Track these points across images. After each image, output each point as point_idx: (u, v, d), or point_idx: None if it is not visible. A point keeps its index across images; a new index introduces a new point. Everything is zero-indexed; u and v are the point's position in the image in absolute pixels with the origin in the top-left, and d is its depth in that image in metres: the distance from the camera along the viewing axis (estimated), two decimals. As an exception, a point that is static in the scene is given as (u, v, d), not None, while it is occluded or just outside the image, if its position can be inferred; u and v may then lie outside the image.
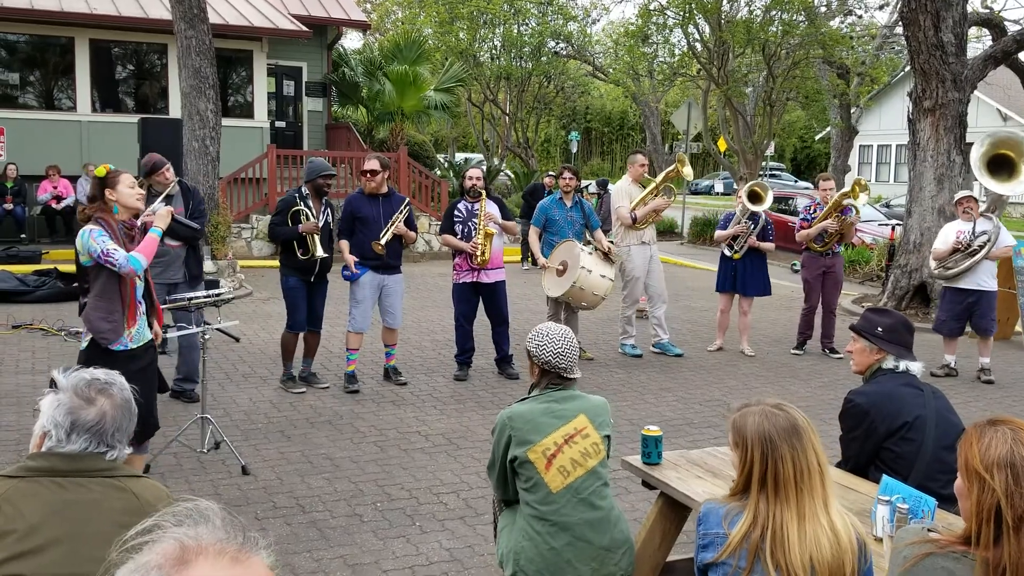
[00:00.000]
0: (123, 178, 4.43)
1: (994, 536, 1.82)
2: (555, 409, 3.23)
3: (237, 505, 4.82)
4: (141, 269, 4.38)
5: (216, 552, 1.02)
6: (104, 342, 4.34)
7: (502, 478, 3.30)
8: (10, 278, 10.77)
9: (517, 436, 3.18)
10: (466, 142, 38.02)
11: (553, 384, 3.29)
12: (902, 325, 3.61)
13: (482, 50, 26.38)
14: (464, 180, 7.56)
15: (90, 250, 4.29)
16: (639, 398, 7.19)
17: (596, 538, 3.17)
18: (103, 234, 4.30)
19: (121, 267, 4.29)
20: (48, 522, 1.97)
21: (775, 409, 2.32)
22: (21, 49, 15.96)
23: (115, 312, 4.35)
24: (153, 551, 1.00)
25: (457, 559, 4.28)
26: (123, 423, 2.16)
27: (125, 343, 4.39)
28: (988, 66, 11.33)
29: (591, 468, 3.19)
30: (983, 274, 7.86)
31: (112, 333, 4.35)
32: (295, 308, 6.95)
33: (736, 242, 8.65)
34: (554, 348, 3.26)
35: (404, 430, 6.21)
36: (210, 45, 11.98)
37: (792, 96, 23.17)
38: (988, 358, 8.04)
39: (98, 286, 4.36)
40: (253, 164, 15.24)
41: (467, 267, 7.43)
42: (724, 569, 2.27)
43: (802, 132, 39.80)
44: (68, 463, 2.07)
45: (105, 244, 4.28)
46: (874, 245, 15.26)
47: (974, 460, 1.88)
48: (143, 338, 4.50)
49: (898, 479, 3.14)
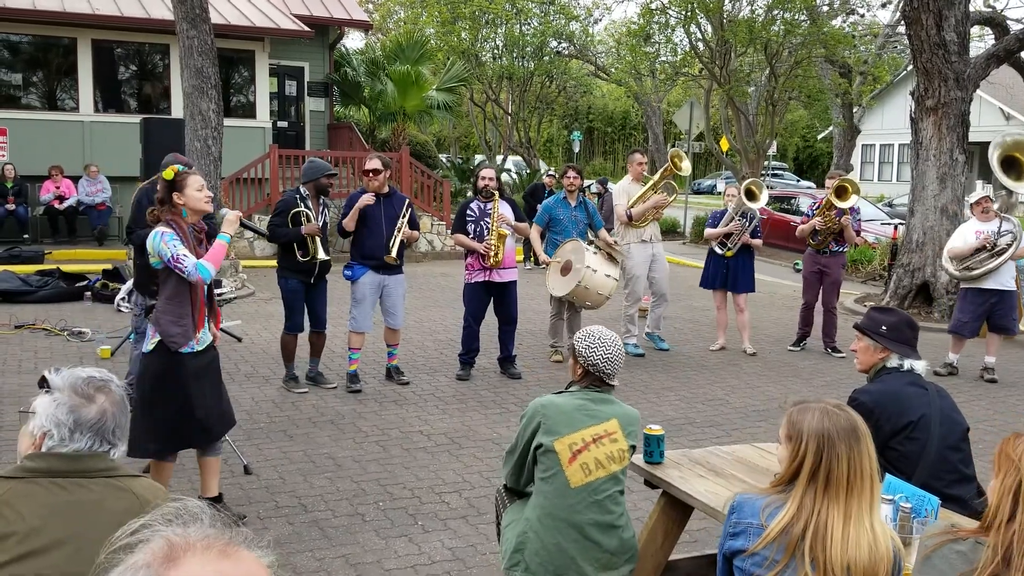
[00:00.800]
0: (191, 180, 4.32)
1: (1010, 511, 1.95)
2: (590, 408, 3.25)
3: (240, 504, 4.82)
4: (210, 277, 4.29)
5: (204, 547, 1.02)
6: (174, 346, 4.28)
7: (520, 464, 3.32)
8: (13, 278, 10.78)
9: (547, 424, 3.20)
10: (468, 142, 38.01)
11: (593, 386, 3.31)
12: (906, 324, 3.60)
13: (484, 50, 26.37)
14: (477, 180, 7.55)
15: (160, 253, 4.19)
16: (641, 397, 7.19)
17: (605, 541, 3.18)
18: (175, 238, 4.20)
19: (190, 275, 4.19)
20: (49, 524, 1.95)
21: (836, 409, 2.32)
22: (24, 50, 15.97)
23: (185, 316, 4.29)
24: (142, 550, 1.00)
25: (459, 558, 4.28)
26: (122, 420, 2.15)
27: (192, 346, 4.34)
28: (991, 65, 11.32)
29: (612, 472, 3.21)
30: (1005, 274, 7.83)
31: (182, 337, 4.29)
32: (293, 310, 6.94)
33: (730, 240, 8.67)
34: (604, 353, 3.29)
35: (406, 429, 6.21)
36: (212, 45, 11.97)
37: (794, 95, 23.17)
38: (994, 357, 8.04)
39: (168, 289, 4.28)
40: (255, 164, 15.24)
41: (479, 267, 7.41)
42: (756, 560, 2.26)
43: (804, 131, 39.78)
44: (67, 463, 2.06)
45: (176, 249, 4.19)
46: (877, 244, 15.24)
47: (1008, 449, 2.06)
48: (206, 340, 4.46)
49: (902, 478, 3.13)
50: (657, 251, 8.73)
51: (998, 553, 1.89)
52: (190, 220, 4.35)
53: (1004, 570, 1.87)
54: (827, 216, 8.63)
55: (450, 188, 17.76)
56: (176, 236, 4.21)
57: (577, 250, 7.77)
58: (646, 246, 8.64)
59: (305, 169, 7.01)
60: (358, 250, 7.01)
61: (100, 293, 10.76)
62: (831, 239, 8.75)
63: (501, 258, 7.32)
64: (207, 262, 4.25)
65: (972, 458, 3.54)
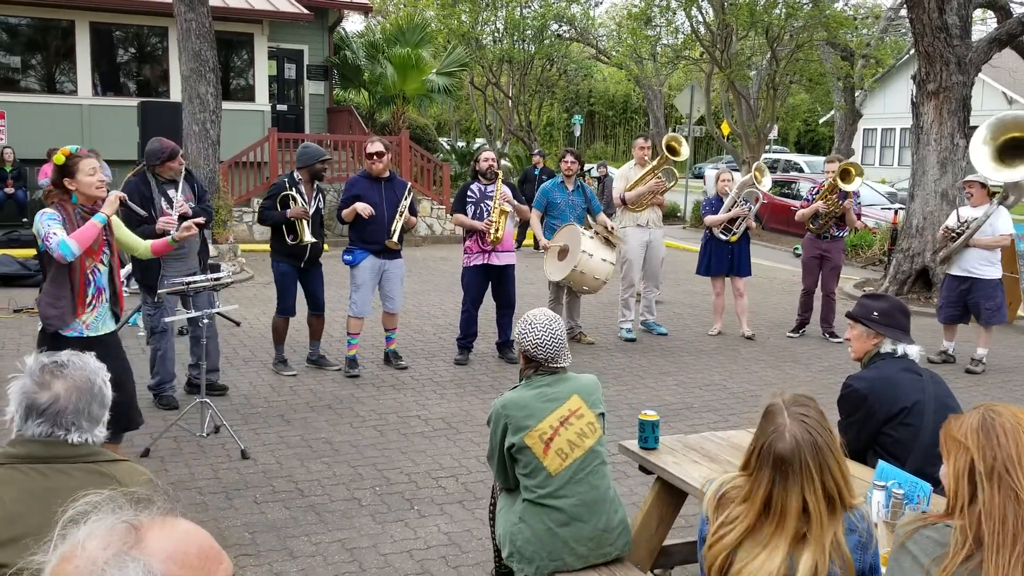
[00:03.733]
0: (83, 165, 4.24)
1: (969, 493, 1.92)
2: (547, 392, 3.22)
3: (237, 489, 4.84)
4: (71, 255, 4.14)
5: (160, 521, 1.08)
6: (51, 328, 4.23)
7: (501, 466, 3.31)
8: (12, 262, 10.78)
9: (513, 423, 3.18)
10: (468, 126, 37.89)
11: (541, 371, 3.27)
12: (897, 309, 3.60)
13: (484, 33, 26.24)
14: (479, 163, 7.53)
15: (37, 232, 4.17)
16: (639, 382, 7.19)
17: (593, 519, 3.18)
18: (53, 217, 4.16)
19: (52, 251, 4.12)
20: (28, 511, 1.94)
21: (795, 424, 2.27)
22: (22, 32, 15.90)
23: (63, 299, 4.23)
24: (103, 538, 1.02)
25: (455, 543, 4.29)
26: (81, 404, 2.10)
27: (80, 330, 4.25)
28: (993, 48, 11.25)
29: (589, 447, 3.20)
30: (973, 260, 7.65)
31: (58, 320, 4.22)
32: (285, 293, 6.95)
33: (735, 224, 8.63)
34: (534, 338, 3.22)
35: (404, 414, 6.22)
36: (210, 28, 11.92)
37: (796, 79, 23.05)
38: (985, 349, 7.85)
39: (50, 271, 4.25)
40: (254, 148, 15.19)
41: (478, 249, 7.40)
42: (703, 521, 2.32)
43: (806, 115, 39.61)
44: (46, 449, 2.05)
45: (49, 227, 4.12)
46: (877, 229, 15.21)
47: (952, 432, 2.02)
48: (101, 327, 4.34)
49: (896, 464, 3.14)
50: (654, 236, 8.68)
51: (968, 535, 1.89)
52: (82, 203, 4.27)
53: (977, 551, 1.87)
54: (830, 199, 8.59)
55: (450, 172, 17.72)
56: (57, 217, 4.16)
57: (573, 235, 7.75)
58: (643, 231, 8.60)
59: (299, 154, 6.99)
60: (358, 235, 7.00)
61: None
62: (832, 223, 8.72)
63: (502, 235, 7.31)
64: (71, 240, 4.14)
65: (966, 444, 3.54)
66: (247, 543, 4.20)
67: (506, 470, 3.30)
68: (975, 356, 7.88)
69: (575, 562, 3.17)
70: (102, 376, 2.18)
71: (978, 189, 7.81)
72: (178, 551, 1.04)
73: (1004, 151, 7.67)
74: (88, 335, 4.27)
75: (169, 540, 1.05)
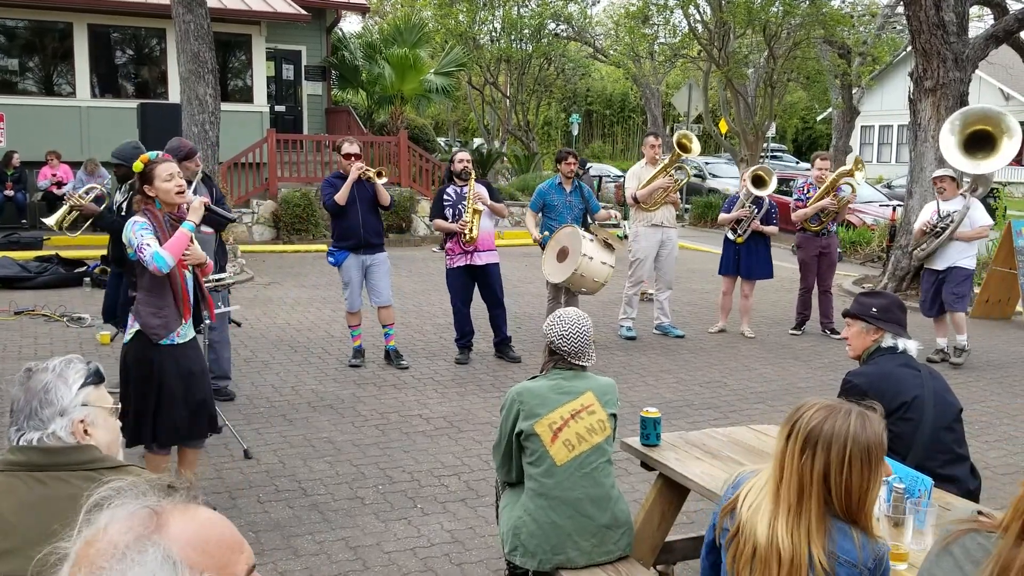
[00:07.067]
0: (159, 170, 4.15)
1: (1020, 531, 1.78)
2: (563, 386, 3.28)
3: (240, 489, 4.86)
4: (166, 267, 4.07)
5: (182, 507, 1.09)
6: (155, 337, 4.14)
7: (507, 455, 3.34)
8: (11, 264, 10.79)
9: (525, 410, 3.23)
10: (466, 125, 37.88)
11: (562, 366, 3.32)
12: (895, 305, 3.62)
13: (482, 32, 26.25)
14: (454, 164, 7.56)
15: (129, 242, 4.07)
16: (639, 380, 7.22)
17: (597, 515, 3.21)
18: (145, 226, 4.06)
19: (147, 264, 4.05)
20: (24, 520, 1.92)
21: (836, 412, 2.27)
22: (20, 34, 15.91)
23: (166, 307, 4.15)
24: (125, 523, 1.05)
25: (458, 540, 4.31)
26: (27, 405, 2.07)
27: (172, 338, 4.19)
28: (990, 45, 11.28)
29: (596, 444, 3.24)
30: (955, 253, 7.72)
31: (163, 328, 4.14)
32: None
33: (740, 226, 8.64)
34: (561, 329, 3.28)
35: (406, 413, 6.24)
36: (208, 29, 11.92)
37: (793, 77, 23.08)
38: (963, 336, 7.82)
39: (146, 280, 4.15)
40: (253, 149, 15.21)
41: (459, 251, 7.46)
42: (722, 527, 2.35)
43: (803, 113, 39.64)
44: (46, 456, 2.02)
45: (142, 238, 4.04)
46: (875, 226, 15.24)
47: None
48: (189, 333, 4.29)
49: (896, 459, 3.16)
50: (668, 236, 8.61)
51: None
52: (165, 210, 4.20)
53: None
54: (836, 197, 8.62)
55: (449, 172, 17.72)
56: (147, 226, 4.07)
57: (573, 237, 7.75)
58: (656, 230, 8.55)
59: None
60: (335, 233, 7.22)
61: (99, 279, 10.76)
62: (829, 220, 8.75)
63: (476, 235, 7.35)
64: (165, 251, 4.06)
65: (965, 439, 3.57)
66: (251, 542, 4.19)
67: (511, 459, 3.34)
68: (955, 345, 7.89)
69: (578, 557, 3.20)
70: (65, 378, 2.12)
71: (949, 183, 7.96)
72: (198, 538, 1.06)
73: (968, 144, 7.85)
74: (178, 342, 4.21)
75: (190, 527, 1.06)
